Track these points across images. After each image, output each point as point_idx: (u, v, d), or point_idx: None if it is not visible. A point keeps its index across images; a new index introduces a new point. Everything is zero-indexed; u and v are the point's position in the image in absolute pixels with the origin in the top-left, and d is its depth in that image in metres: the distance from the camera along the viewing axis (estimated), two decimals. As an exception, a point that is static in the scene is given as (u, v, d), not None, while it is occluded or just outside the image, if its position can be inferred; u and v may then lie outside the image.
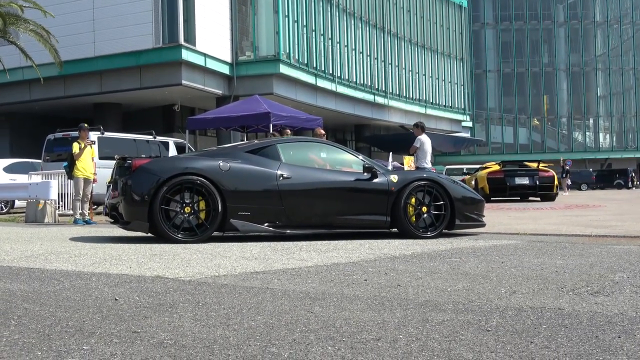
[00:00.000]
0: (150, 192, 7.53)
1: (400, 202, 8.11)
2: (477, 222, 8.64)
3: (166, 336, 2.97)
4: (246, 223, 7.77)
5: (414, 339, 2.85)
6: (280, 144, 8.61)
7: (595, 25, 73.44)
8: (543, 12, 72.39)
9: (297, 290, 4.18)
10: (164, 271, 5.18)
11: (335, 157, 8.88)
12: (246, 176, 7.92)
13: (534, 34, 72.19)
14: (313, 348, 2.72)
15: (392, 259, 5.92)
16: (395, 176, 8.33)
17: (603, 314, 3.35)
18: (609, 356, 2.54)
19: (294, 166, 8.19)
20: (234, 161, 7.97)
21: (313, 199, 8.14)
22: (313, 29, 36.39)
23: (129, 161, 8.14)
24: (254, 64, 32.67)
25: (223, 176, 7.74)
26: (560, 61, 72.62)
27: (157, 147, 20.86)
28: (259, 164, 8.06)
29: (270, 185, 7.91)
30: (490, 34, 72.52)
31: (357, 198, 8.25)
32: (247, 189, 7.89)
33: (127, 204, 7.76)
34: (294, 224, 8.01)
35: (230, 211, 7.67)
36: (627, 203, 20.69)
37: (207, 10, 30.39)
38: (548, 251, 6.36)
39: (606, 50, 73.85)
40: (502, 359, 2.52)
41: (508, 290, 4.10)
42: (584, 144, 73.58)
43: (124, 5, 28.80)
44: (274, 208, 7.91)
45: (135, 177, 7.74)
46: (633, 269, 4.98)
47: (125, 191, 7.78)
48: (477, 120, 69.50)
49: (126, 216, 7.80)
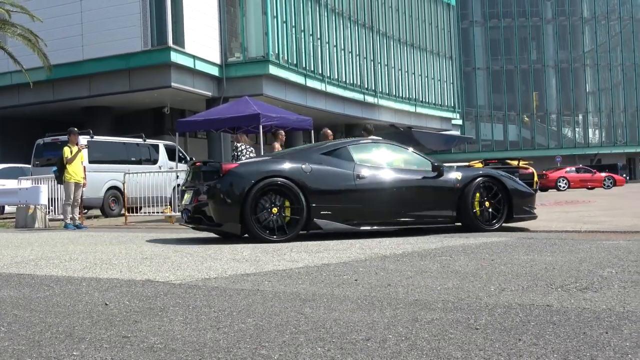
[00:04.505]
0: (242, 195, 7.82)
1: (466, 198, 8.62)
2: (531, 215, 9.18)
3: (156, 340, 2.97)
4: (328, 222, 8.15)
5: (403, 339, 2.86)
6: (350, 145, 8.98)
7: (583, 21, 73.77)
8: (531, 9, 72.68)
9: (288, 292, 4.19)
10: (154, 275, 5.17)
11: (399, 157, 9.31)
12: (327, 177, 8.32)
13: (522, 31, 72.43)
14: (303, 349, 2.73)
15: (382, 258, 5.93)
16: (459, 173, 8.87)
17: (591, 309, 3.37)
18: (596, 352, 2.56)
19: (366, 166, 8.62)
20: (314, 163, 8.34)
21: (387, 197, 8.56)
22: (302, 30, 36.38)
23: (214, 165, 8.45)
24: (243, 65, 32.63)
25: (307, 178, 8.11)
26: (548, 58, 72.89)
27: (147, 150, 20.84)
28: (336, 165, 8.47)
29: (348, 185, 8.34)
30: (479, 32, 72.73)
31: (426, 195, 8.75)
32: (329, 189, 8.27)
33: (218, 206, 8.02)
34: (368, 222, 8.42)
35: (313, 211, 8.04)
36: (617, 198, 20.79)
37: (196, 12, 30.34)
38: (538, 248, 6.38)
39: (594, 47, 74.19)
40: (490, 357, 2.54)
41: (497, 287, 4.12)
42: (574, 140, 73.89)
43: (112, 9, 28.71)
44: (351, 207, 8.32)
45: (226, 180, 8.01)
46: (622, 264, 5.01)
47: (214, 194, 8.03)
48: (467, 118, 69.67)
49: (218, 219, 8.04)
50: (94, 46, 29.03)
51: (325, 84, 38.10)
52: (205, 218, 8.18)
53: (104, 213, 19.10)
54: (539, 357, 2.51)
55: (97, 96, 29.88)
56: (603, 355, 2.52)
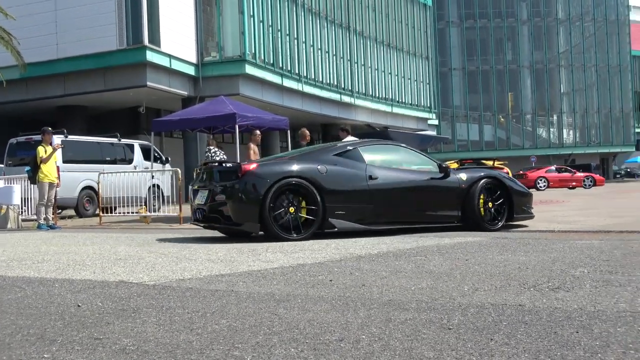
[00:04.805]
0: (261, 195, 7.97)
1: (472, 198, 8.94)
2: (529, 214, 9.58)
3: (129, 342, 2.95)
4: (342, 221, 8.33)
5: (376, 339, 2.87)
6: (361, 146, 9.19)
7: (557, 22, 74.41)
8: (506, 10, 73.17)
9: (262, 292, 4.18)
10: (128, 276, 5.14)
11: (407, 158, 9.56)
12: (341, 178, 8.53)
13: (498, 31, 72.91)
14: (276, 350, 2.73)
15: (357, 258, 5.95)
16: (463, 174, 9.21)
17: (563, 309, 3.41)
18: (566, 351, 2.58)
19: (377, 167, 8.87)
20: (329, 164, 8.55)
21: (397, 197, 8.80)
22: (279, 29, 36.32)
23: (233, 165, 8.54)
24: (220, 65, 32.51)
25: (322, 179, 8.30)
26: (524, 58, 73.43)
27: (122, 150, 20.70)
28: (349, 166, 8.70)
29: (362, 185, 8.57)
30: (455, 32, 73.08)
31: (434, 195, 9.04)
32: (343, 189, 8.48)
33: (237, 206, 8.15)
34: (380, 221, 8.66)
35: (328, 211, 8.22)
36: (591, 198, 21.00)
37: (172, 11, 30.17)
38: (512, 248, 6.43)
39: (569, 48, 74.85)
40: (462, 357, 2.55)
41: (471, 287, 4.15)
42: (548, 140, 74.51)
43: (87, 7, 28.45)
44: (364, 207, 8.54)
45: (245, 181, 8.13)
46: (594, 264, 5.06)
47: (233, 194, 8.16)
48: (443, 118, 69.98)
49: (237, 218, 8.16)
50: (68, 45, 28.75)
51: (302, 84, 38.08)
52: (223, 217, 8.31)
53: (78, 213, 18.94)
54: (511, 357, 2.53)
55: (71, 95, 29.59)
56: (573, 354, 2.54)
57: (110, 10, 28.38)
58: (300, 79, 37.86)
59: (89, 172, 18.32)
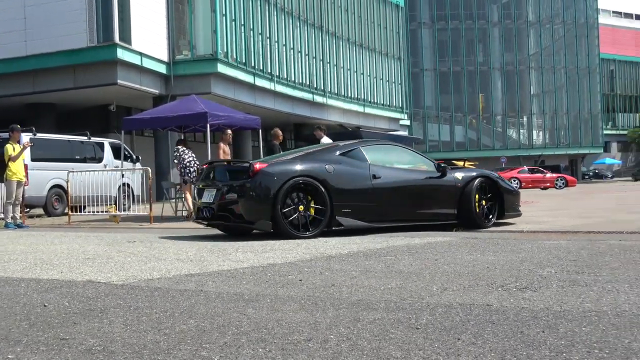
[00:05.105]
0: (273, 194, 8.09)
1: (468, 197, 9.22)
2: (518, 212, 10.03)
3: (95, 342, 2.92)
4: (348, 219, 8.51)
5: (344, 339, 2.87)
6: (363, 146, 9.38)
7: (528, 25, 75.12)
8: (478, 12, 73.68)
9: (231, 292, 4.17)
10: (96, 275, 5.09)
11: (406, 158, 9.88)
12: (348, 177, 8.70)
13: (469, 33, 73.41)
14: (244, 350, 2.72)
15: (328, 258, 5.95)
16: (460, 174, 9.52)
17: (529, 309, 3.44)
18: (532, 351, 2.61)
19: (379, 167, 9.05)
20: (335, 163, 8.72)
21: (399, 196, 9.05)
22: (251, 28, 36.22)
23: (244, 165, 8.67)
24: (192, 63, 32.33)
25: (330, 178, 8.46)
26: (494, 60, 74.02)
27: (92, 148, 20.49)
28: (354, 165, 8.89)
29: (366, 184, 8.76)
30: (427, 34, 73.45)
31: (432, 194, 9.35)
32: (349, 188, 8.65)
33: (250, 205, 8.26)
34: (382, 219, 8.85)
35: (336, 209, 8.38)
36: (561, 199, 21.23)
37: (143, 8, 29.94)
38: (481, 247, 6.48)
39: (539, 50, 75.62)
40: (429, 357, 2.56)
41: (440, 287, 4.17)
42: (518, 141, 75.19)
43: (57, 3, 28.11)
44: (368, 205, 8.72)
45: (258, 180, 8.24)
46: (561, 264, 5.12)
47: (245, 193, 8.26)
48: (415, 119, 70.33)
49: (249, 217, 8.27)
50: (38, 41, 28.36)
51: (274, 83, 38.02)
52: (234, 216, 8.41)
53: (47, 212, 18.71)
54: (477, 356, 2.55)
55: (40, 93, 29.21)
56: (539, 354, 2.57)
57: (81, 7, 28.07)
58: (272, 78, 37.80)
59: (58, 170, 18.09)
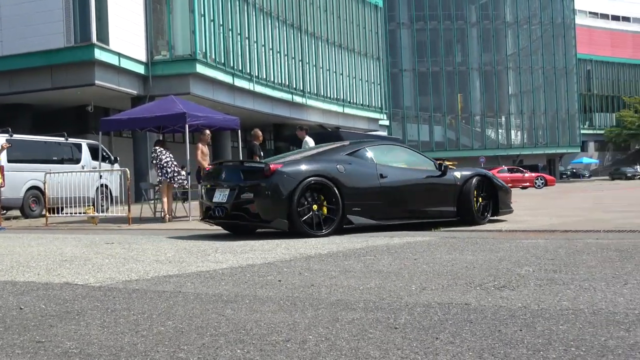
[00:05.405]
0: (289, 193, 8.24)
1: (467, 194, 9.61)
2: (510, 209, 10.49)
3: (71, 345, 2.90)
4: (358, 217, 8.72)
5: (323, 339, 2.87)
6: (369, 146, 9.66)
7: (506, 25, 75.57)
8: (456, 13, 74.02)
9: (210, 293, 4.15)
10: (73, 277, 5.05)
11: (409, 158, 10.23)
12: (357, 176, 8.91)
13: (447, 33, 73.72)
14: (222, 352, 2.71)
15: (307, 258, 5.94)
16: (458, 173, 9.88)
17: (507, 307, 3.45)
18: (510, 349, 2.62)
19: (385, 166, 9.33)
20: (345, 163, 8.92)
21: (405, 195, 9.32)
22: (230, 28, 36.12)
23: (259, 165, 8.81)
24: (170, 64, 32.18)
25: (341, 177, 8.67)
26: (473, 60, 74.39)
27: (69, 150, 20.33)
28: (362, 165, 9.14)
29: (374, 183, 8.99)
30: (406, 34, 73.66)
31: (435, 192, 9.66)
32: (359, 187, 8.85)
33: (267, 204, 8.38)
34: (388, 217, 9.08)
35: (346, 208, 8.57)
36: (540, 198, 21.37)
37: (121, 8, 29.75)
38: (460, 247, 6.50)
39: (517, 50, 76.08)
40: (407, 356, 2.57)
41: (418, 287, 4.18)
42: (497, 141, 75.65)
43: (33, 3, 27.85)
44: (376, 203, 8.94)
45: (274, 180, 8.35)
46: (539, 263, 5.15)
47: (262, 193, 8.37)
48: (394, 119, 70.48)
49: (266, 216, 8.38)
50: (14, 42, 28.09)
51: (254, 84, 37.94)
52: (249, 215, 8.50)
53: (24, 214, 18.55)
54: (455, 355, 2.56)
55: (17, 93, 28.92)
56: (516, 352, 2.58)
57: (58, 7, 27.85)
58: (251, 78, 37.73)
59: (35, 172, 17.94)
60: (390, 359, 2.54)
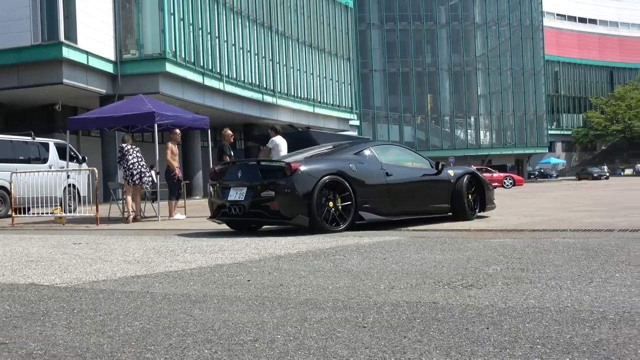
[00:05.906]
0: (310, 191, 8.53)
1: (460, 192, 10.26)
2: (494, 205, 11.17)
3: (36, 346, 2.86)
4: (369, 214, 9.14)
5: (291, 339, 2.86)
6: (372, 146, 10.06)
7: (475, 27, 76.23)
8: (426, 14, 74.49)
9: (178, 294, 4.12)
10: (39, 278, 4.99)
11: (409, 157, 10.76)
12: (367, 174, 9.30)
13: (417, 34, 74.16)
14: (190, 352, 2.69)
15: (277, 258, 5.93)
16: (451, 171, 10.46)
17: (475, 306, 3.48)
18: (476, 347, 2.64)
19: (390, 165, 9.76)
20: (356, 162, 9.32)
21: (408, 192, 9.83)
22: (200, 27, 35.95)
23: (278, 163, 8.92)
24: (139, 63, 31.95)
25: (354, 175, 9.05)
26: (442, 61, 74.92)
27: (36, 149, 20.07)
28: (370, 164, 9.52)
29: (381, 181, 9.42)
30: (376, 34, 73.96)
31: (433, 189, 10.19)
32: (369, 184, 9.24)
33: (288, 202, 8.57)
34: (393, 213, 9.50)
35: (358, 204, 8.96)
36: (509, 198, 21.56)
37: (89, 6, 29.46)
38: (429, 246, 6.53)
39: (486, 51, 76.78)
40: (375, 355, 2.57)
41: (387, 286, 4.19)
42: (466, 141, 76.27)
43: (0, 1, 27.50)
44: (384, 200, 9.40)
45: (295, 178, 8.58)
46: (506, 262, 5.19)
47: (283, 191, 8.56)
48: (364, 119, 70.75)
49: (288, 213, 8.58)
50: (-21, 39, 27.73)
51: (224, 83, 37.81)
52: (269, 213, 8.68)
53: (-10, 214, 18.28)
54: (422, 354, 2.57)
55: (-17, 92, 28.57)
56: (483, 350, 2.60)
57: (24, 5, 27.51)
58: (221, 78, 37.59)
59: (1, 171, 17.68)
60: (358, 358, 2.54)
